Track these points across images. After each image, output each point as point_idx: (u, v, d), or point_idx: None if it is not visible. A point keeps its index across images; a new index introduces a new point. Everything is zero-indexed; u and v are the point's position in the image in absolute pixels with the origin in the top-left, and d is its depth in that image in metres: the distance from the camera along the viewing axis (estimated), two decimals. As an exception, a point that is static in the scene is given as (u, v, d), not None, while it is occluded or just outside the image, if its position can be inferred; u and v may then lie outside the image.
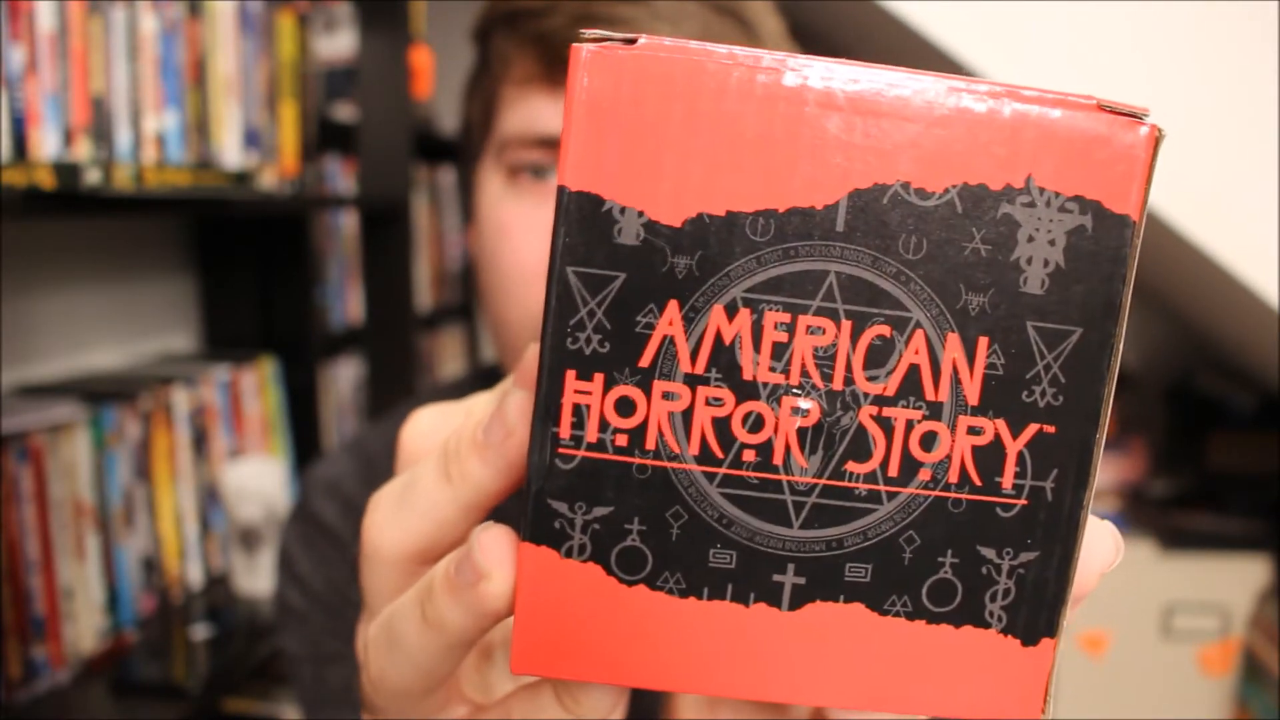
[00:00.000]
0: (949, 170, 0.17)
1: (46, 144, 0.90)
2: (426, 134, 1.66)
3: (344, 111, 1.53)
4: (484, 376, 0.58)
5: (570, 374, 0.17)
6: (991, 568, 0.18)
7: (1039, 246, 0.17)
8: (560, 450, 0.18)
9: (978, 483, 0.18)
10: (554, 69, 0.43)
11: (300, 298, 1.34)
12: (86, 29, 0.94)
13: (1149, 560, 1.68)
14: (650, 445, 0.18)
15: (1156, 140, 0.17)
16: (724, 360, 0.17)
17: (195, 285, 1.36)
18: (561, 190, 0.17)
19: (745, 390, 0.18)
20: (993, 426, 0.18)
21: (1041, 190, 0.17)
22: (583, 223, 0.17)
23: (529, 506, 0.18)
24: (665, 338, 0.17)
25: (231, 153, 1.15)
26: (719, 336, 0.17)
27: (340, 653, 0.53)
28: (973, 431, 0.18)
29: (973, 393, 0.18)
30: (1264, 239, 1.12)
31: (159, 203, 0.99)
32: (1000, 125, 0.17)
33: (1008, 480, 0.18)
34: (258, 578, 1.16)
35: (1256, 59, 1.07)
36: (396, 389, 1.48)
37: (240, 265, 1.34)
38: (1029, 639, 0.18)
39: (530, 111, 0.44)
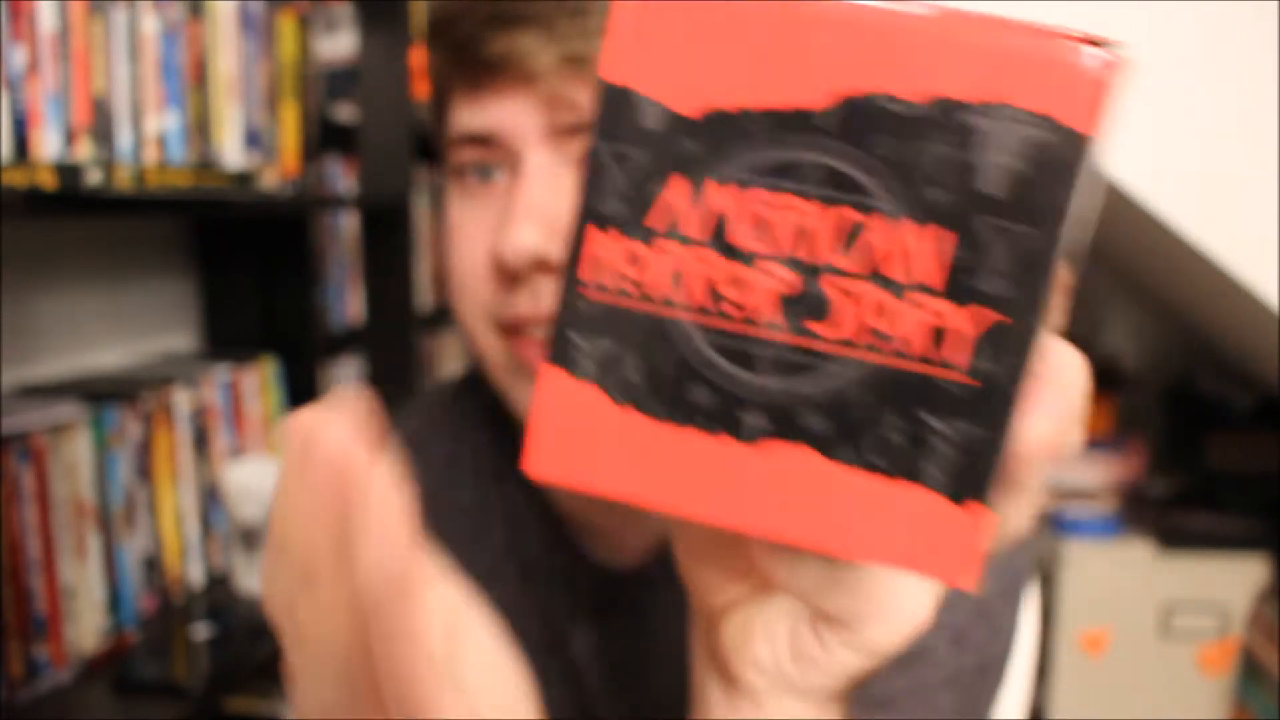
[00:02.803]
0: (925, 83, 0.19)
1: (48, 144, 0.90)
2: (427, 134, 1.66)
3: (345, 112, 1.54)
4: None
5: (593, 228, 0.21)
6: (934, 434, 0.20)
7: (998, 152, 0.19)
8: (580, 291, 0.21)
9: (928, 356, 0.20)
10: (467, 72, 0.44)
11: (301, 298, 1.34)
12: (88, 30, 0.94)
13: (1148, 560, 1.69)
14: (650, 293, 0.21)
15: (1115, 66, 0.19)
16: (716, 227, 0.20)
17: (196, 285, 1.36)
18: (600, 82, 0.21)
19: (732, 254, 0.20)
20: (945, 308, 0.20)
21: (1007, 105, 0.19)
22: (615, 109, 0.21)
23: (553, 335, 0.22)
24: (672, 205, 0.20)
25: (232, 153, 1.15)
26: (714, 207, 0.20)
27: None
28: (927, 310, 0.20)
29: (929, 276, 0.19)
30: (1264, 239, 1.12)
31: (160, 203, 1.00)
32: (976, 47, 0.19)
33: (959, 358, 0.20)
34: (259, 577, 1.16)
35: (1257, 60, 1.07)
36: (397, 389, 1.48)
37: (241, 265, 1.34)
38: (964, 503, 0.20)
39: (456, 113, 0.46)
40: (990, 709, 0.51)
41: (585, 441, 0.22)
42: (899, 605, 0.24)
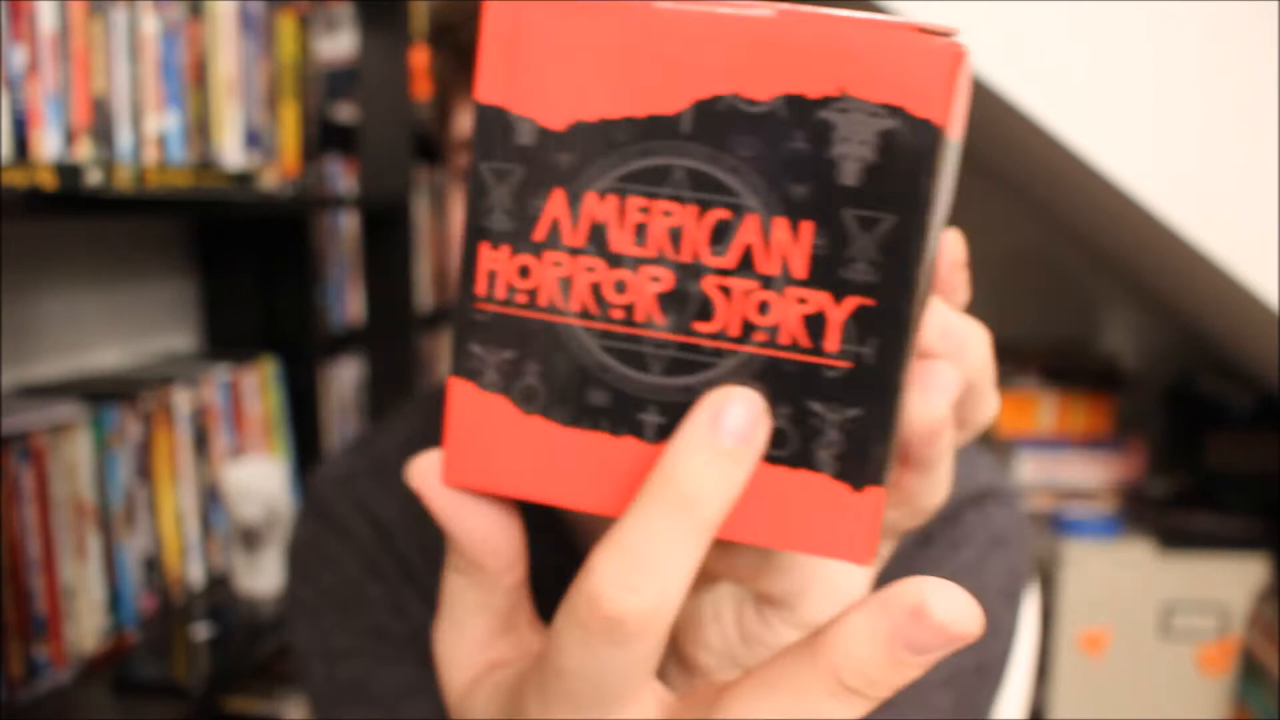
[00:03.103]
0: (775, 83, 0.20)
1: (48, 144, 0.90)
2: (427, 134, 1.66)
3: (345, 112, 1.54)
4: None
5: (484, 245, 0.22)
6: (820, 420, 0.21)
7: (853, 145, 0.20)
8: (476, 305, 0.22)
9: (806, 345, 0.20)
10: (470, 76, 0.46)
11: (301, 298, 1.34)
12: (88, 30, 0.94)
13: (1148, 560, 1.69)
14: (543, 303, 0.21)
15: (959, 56, 0.19)
16: (597, 236, 0.21)
17: (196, 285, 1.36)
18: (475, 104, 0.22)
19: (614, 260, 0.21)
20: (817, 297, 0.20)
21: (855, 98, 0.20)
22: (491, 128, 0.21)
23: (455, 348, 0.22)
24: (555, 217, 0.21)
25: (232, 153, 1.15)
26: (595, 216, 0.21)
27: (351, 648, 0.53)
28: (801, 301, 0.20)
29: (799, 268, 0.20)
30: (1263, 239, 1.12)
31: (160, 203, 0.99)
32: (820, 44, 0.20)
33: (832, 344, 0.20)
34: (259, 577, 1.17)
35: (1257, 60, 1.07)
36: (397, 389, 1.48)
37: (241, 265, 1.34)
38: (857, 485, 0.21)
39: (459, 117, 0.47)
40: (989, 709, 0.51)
41: (498, 449, 0.22)
42: (834, 582, 0.25)
